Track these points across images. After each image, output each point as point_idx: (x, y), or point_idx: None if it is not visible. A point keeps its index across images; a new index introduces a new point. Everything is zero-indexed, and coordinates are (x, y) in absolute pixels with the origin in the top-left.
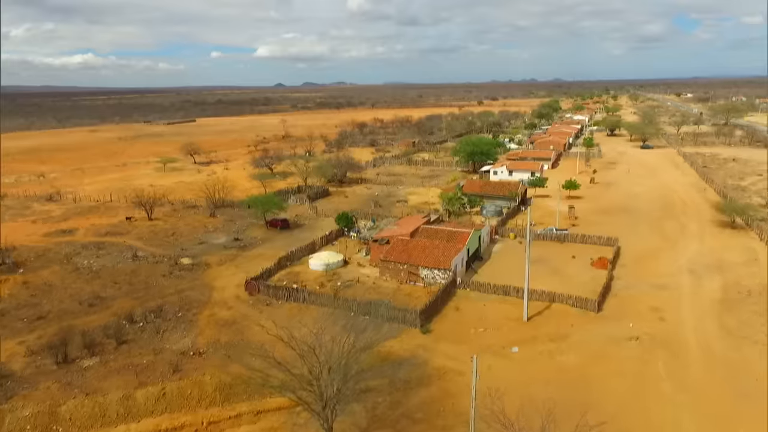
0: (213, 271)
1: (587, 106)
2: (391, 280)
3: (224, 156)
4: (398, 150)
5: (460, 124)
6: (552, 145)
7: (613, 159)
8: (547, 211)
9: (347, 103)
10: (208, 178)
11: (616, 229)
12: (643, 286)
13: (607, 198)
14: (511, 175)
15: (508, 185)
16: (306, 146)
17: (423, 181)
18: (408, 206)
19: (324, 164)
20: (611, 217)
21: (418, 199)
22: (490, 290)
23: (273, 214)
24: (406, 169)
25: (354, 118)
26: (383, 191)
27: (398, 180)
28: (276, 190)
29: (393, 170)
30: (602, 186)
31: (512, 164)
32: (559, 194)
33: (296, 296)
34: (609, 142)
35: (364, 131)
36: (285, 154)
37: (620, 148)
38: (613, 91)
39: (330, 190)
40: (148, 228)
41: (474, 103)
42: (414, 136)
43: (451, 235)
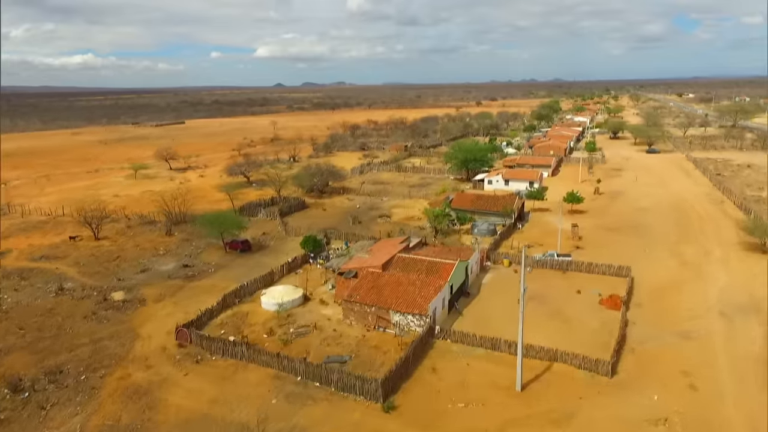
0: (146, 311)
1: (588, 106)
2: (357, 324)
3: (205, 161)
4: (389, 154)
5: (456, 126)
6: (552, 149)
7: (618, 165)
8: (548, 229)
9: (344, 103)
10: (180, 186)
11: (627, 252)
12: (665, 335)
13: (614, 212)
14: (508, 184)
15: (503, 200)
16: (291, 150)
17: (411, 191)
18: (391, 223)
19: (302, 173)
20: (620, 236)
21: (403, 213)
22: (475, 342)
23: (234, 233)
24: (395, 176)
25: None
26: (366, 204)
27: (384, 190)
28: (246, 203)
29: (380, 178)
30: (608, 197)
31: (509, 173)
32: (560, 208)
33: (233, 351)
34: (612, 145)
35: (356, 134)
36: (269, 159)
37: (624, 153)
38: (614, 91)
39: (308, 202)
40: (91, 250)
41: (472, 104)
42: (407, 139)
43: (431, 267)
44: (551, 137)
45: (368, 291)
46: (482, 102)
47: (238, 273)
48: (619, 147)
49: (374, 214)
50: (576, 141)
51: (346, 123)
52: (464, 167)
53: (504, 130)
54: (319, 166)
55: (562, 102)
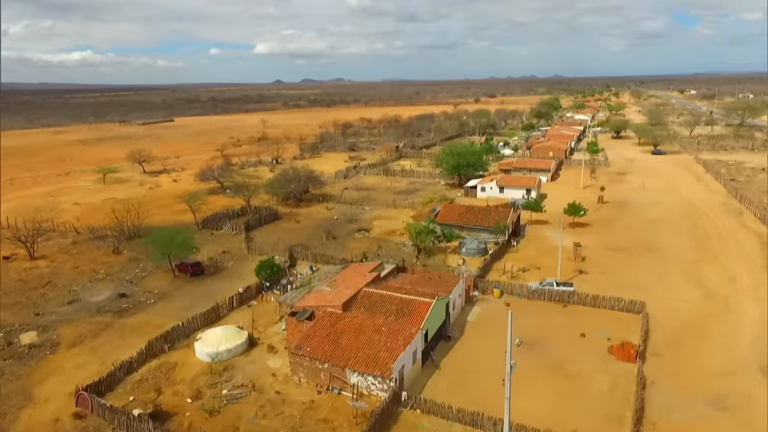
0: (53, 361)
1: (588, 104)
2: (307, 382)
3: (184, 163)
4: (379, 156)
5: (452, 125)
6: (551, 151)
7: (622, 168)
8: (546, 247)
9: (341, 100)
10: (148, 193)
11: (638, 277)
12: (693, 402)
13: (620, 226)
14: (503, 192)
15: (496, 213)
16: (275, 151)
17: (396, 199)
18: (369, 238)
19: (277, 179)
20: (629, 257)
21: (385, 225)
22: (452, 416)
23: (184, 254)
24: (381, 181)
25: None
26: (345, 214)
27: (368, 197)
28: (213, 213)
29: (365, 183)
30: (613, 207)
31: (504, 179)
32: (561, 222)
33: (139, 428)
34: (615, 146)
35: (347, 133)
36: (250, 161)
37: (628, 154)
38: (614, 87)
39: (282, 211)
40: (22, 273)
41: (471, 101)
42: (400, 139)
43: (403, 307)
44: (551, 137)
45: (322, 340)
46: (481, 99)
47: (181, 304)
48: (622, 147)
49: (352, 228)
50: (577, 141)
51: (337, 122)
52: (456, 172)
53: (502, 129)
54: (296, 172)
55: (562, 99)
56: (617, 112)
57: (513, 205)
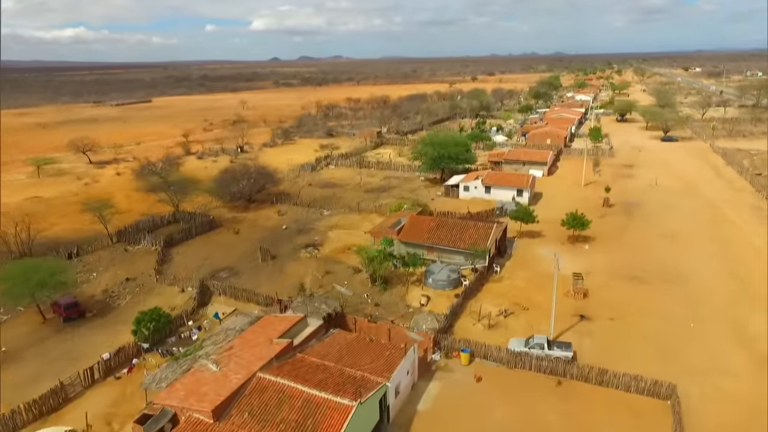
0: None
1: (590, 82)
2: None
3: (143, 150)
4: (359, 141)
5: (442, 107)
6: (549, 138)
7: (629, 159)
8: (538, 274)
9: (334, 79)
10: (82, 189)
11: (660, 327)
12: None
13: (631, 241)
14: (489, 192)
15: (474, 230)
16: (240, 138)
17: (364, 200)
18: (317, 258)
19: (223, 178)
20: (645, 291)
21: (342, 238)
22: None
23: (59, 289)
24: (353, 174)
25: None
26: (299, 221)
27: (333, 196)
28: (135, 222)
29: (335, 177)
30: (620, 212)
31: (491, 177)
32: (556, 234)
33: None
34: (620, 130)
35: (330, 115)
36: (213, 149)
37: (635, 140)
38: (617, 65)
39: (225, 217)
40: None
41: (468, 79)
42: (386, 122)
43: (307, 415)
44: (549, 121)
45: None
46: (478, 77)
47: (28, 373)
48: (628, 133)
49: (301, 242)
50: (578, 124)
51: (320, 103)
52: (437, 166)
53: (497, 111)
54: (246, 168)
55: (563, 77)
56: (621, 92)
57: (500, 211)
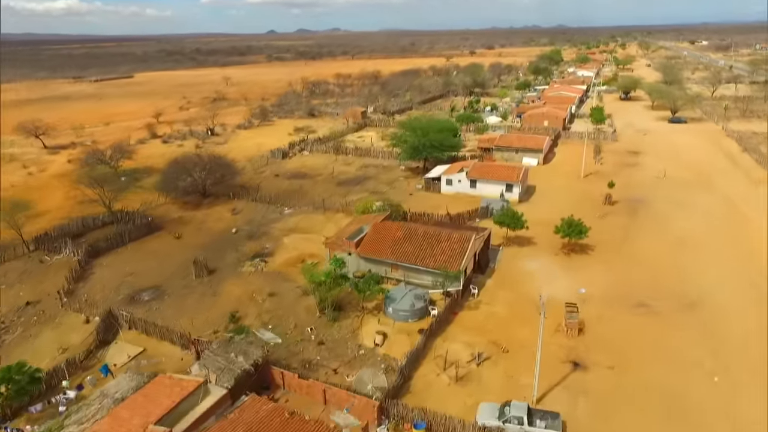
0: None
1: (593, 56)
2: None
3: (109, 132)
4: (341, 122)
5: (435, 83)
6: (546, 119)
7: (634, 144)
8: (523, 296)
9: (329, 52)
10: (23, 180)
11: (673, 379)
12: None
13: (638, 252)
14: (475, 187)
15: (448, 243)
16: (210, 119)
17: (333, 196)
18: (263, 274)
19: (171, 169)
20: (655, 323)
21: (299, 245)
22: None
23: None
24: (328, 162)
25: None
26: (254, 221)
27: (299, 190)
28: (59, 225)
29: (306, 166)
30: (625, 211)
31: (477, 169)
32: (549, 241)
33: None
34: (624, 110)
35: (316, 92)
36: (181, 131)
37: (640, 122)
38: (620, 38)
39: (172, 216)
40: None
41: (466, 53)
42: (374, 100)
43: None
44: (547, 100)
45: None
46: (476, 51)
47: None
48: (633, 113)
49: (249, 250)
50: (579, 103)
51: (306, 80)
52: (418, 155)
53: (494, 87)
54: (200, 158)
55: (565, 51)
56: (624, 67)
57: (486, 211)
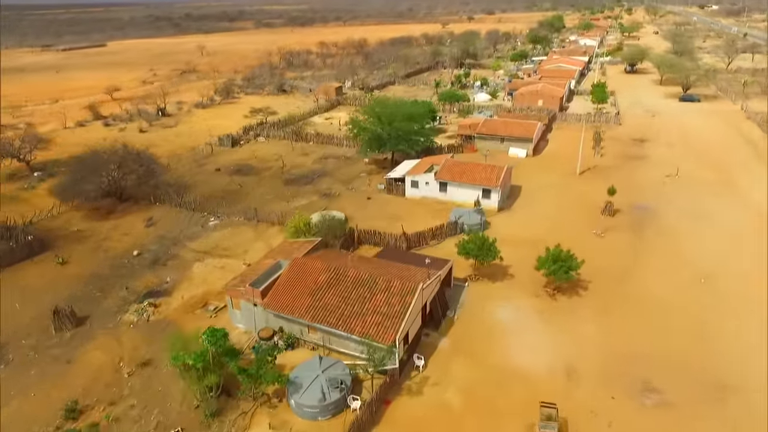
0: None
1: (597, 23)
2: None
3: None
4: (314, 99)
5: (423, 54)
6: (541, 98)
7: (641, 129)
8: (489, 372)
9: (321, 18)
10: None
11: None
12: None
13: (643, 297)
14: (445, 191)
15: (385, 297)
16: (162, 95)
17: (279, 197)
18: (151, 324)
19: (77, 166)
20: (668, 422)
21: (210, 276)
22: None
23: None
24: (283, 152)
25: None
26: (169, 236)
27: (239, 191)
28: None
29: (257, 156)
30: (628, 228)
31: (449, 170)
32: (530, 274)
33: None
34: (629, 85)
35: (294, 63)
36: (129, 112)
37: (648, 100)
38: (626, 2)
39: (69, 227)
40: None
41: (464, 19)
42: (355, 72)
43: None
44: (543, 75)
45: None
46: (474, 17)
47: None
48: (639, 88)
49: (143, 283)
50: (579, 77)
51: (282, 50)
52: (381, 148)
53: (489, 57)
54: (116, 153)
55: (568, 16)
56: (630, 35)
57: (455, 227)
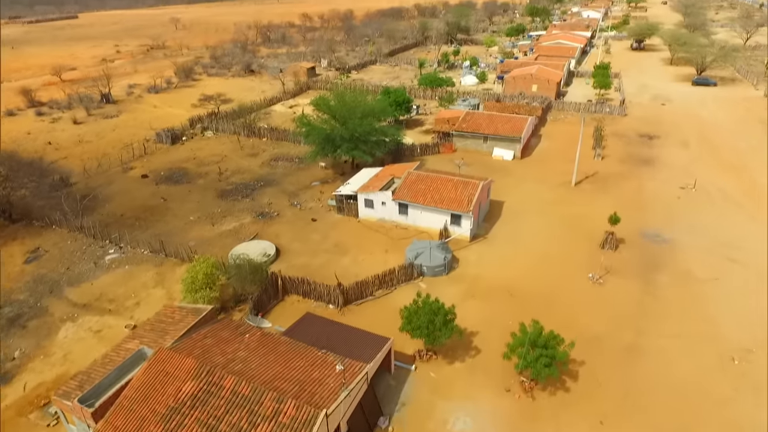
0: None
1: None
2: None
3: None
4: (288, 79)
5: (412, 28)
6: (536, 83)
7: (649, 121)
8: None
9: None
10: None
11: None
12: None
13: (667, 400)
14: (406, 214)
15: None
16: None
17: (208, 216)
18: None
19: None
20: None
21: (77, 348)
22: None
23: None
24: (229, 151)
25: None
26: (48, 278)
27: (160, 206)
28: None
29: (197, 156)
30: (635, 273)
31: (409, 187)
32: (499, 359)
33: None
34: (635, 65)
35: (272, 38)
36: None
37: (656, 83)
38: None
39: None
40: None
41: None
42: (334, 50)
43: None
44: (540, 53)
45: None
46: None
47: None
48: (647, 69)
49: None
50: (580, 55)
51: (259, 23)
52: (333, 152)
53: (484, 32)
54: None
55: None
56: (638, 5)
57: (411, 271)
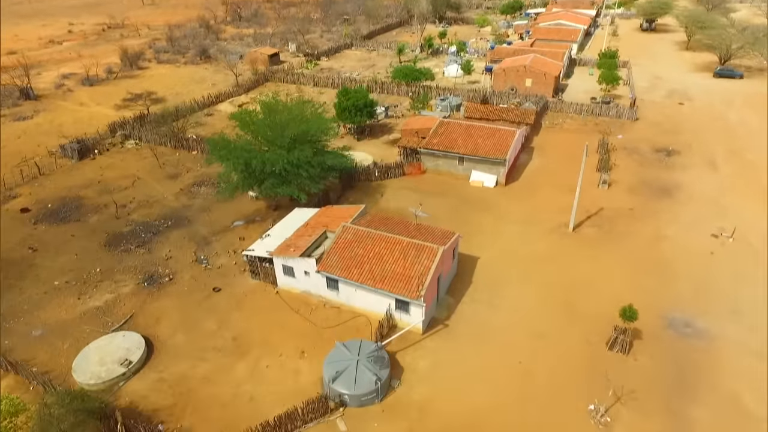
0: None
1: None
2: None
3: None
4: (246, 68)
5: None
6: (530, 77)
7: (665, 127)
8: None
9: None
10: None
11: None
12: None
13: None
14: (336, 290)
15: None
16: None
17: (74, 283)
18: None
19: None
20: None
21: None
22: None
23: None
24: (143, 173)
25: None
26: None
27: (25, 260)
28: None
29: (102, 179)
30: (660, 391)
31: (343, 251)
32: None
33: None
34: (646, 50)
35: (242, 17)
36: None
37: (671, 72)
38: None
39: None
40: None
41: None
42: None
43: None
44: (537, 37)
45: None
46: None
47: None
48: (660, 55)
49: None
50: (583, 37)
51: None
52: (256, 183)
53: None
54: None
55: None
56: None
57: (325, 401)
